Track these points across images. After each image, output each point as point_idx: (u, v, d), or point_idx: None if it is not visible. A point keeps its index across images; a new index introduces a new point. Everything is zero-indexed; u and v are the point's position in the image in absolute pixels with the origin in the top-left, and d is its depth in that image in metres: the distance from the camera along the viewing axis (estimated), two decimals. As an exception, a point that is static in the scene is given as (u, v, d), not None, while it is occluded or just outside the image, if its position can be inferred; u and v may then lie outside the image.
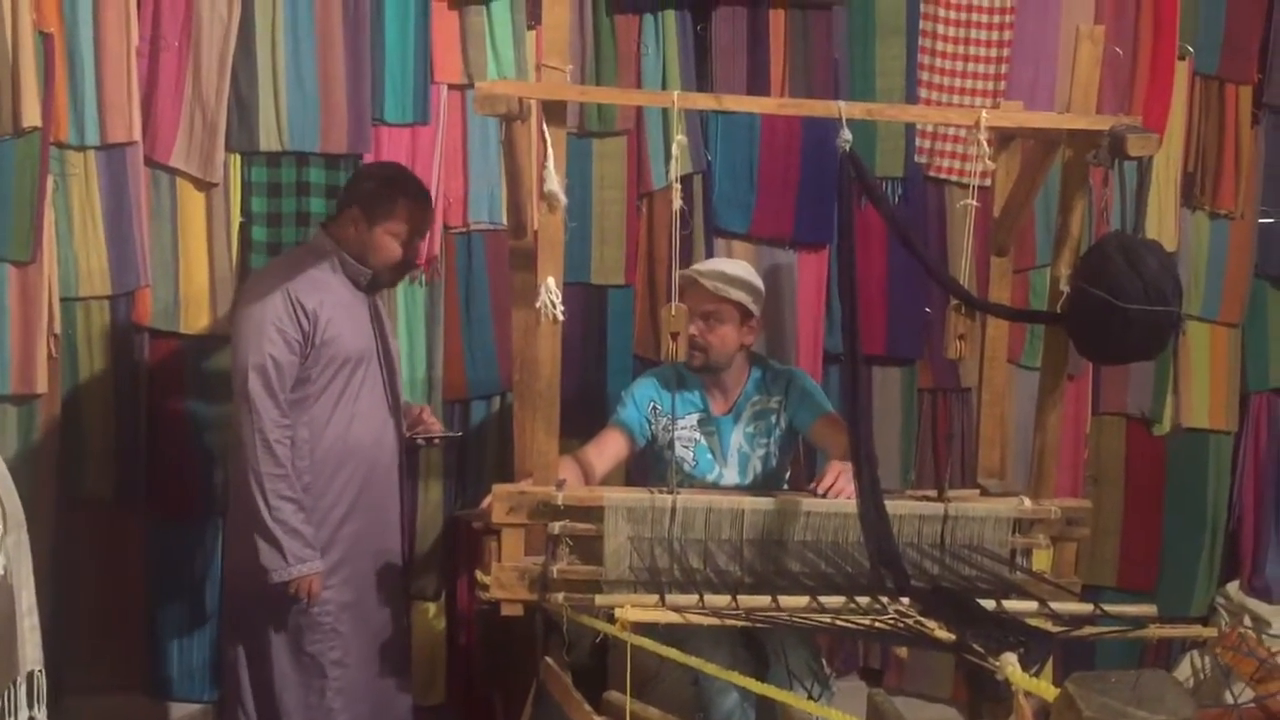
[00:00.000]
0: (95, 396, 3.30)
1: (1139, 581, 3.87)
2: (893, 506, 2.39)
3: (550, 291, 2.39)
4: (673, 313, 2.38)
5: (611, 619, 2.10)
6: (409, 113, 3.37)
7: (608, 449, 2.91)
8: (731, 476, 2.98)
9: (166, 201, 3.31)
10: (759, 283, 2.99)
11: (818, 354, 3.58)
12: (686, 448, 2.98)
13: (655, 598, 2.12)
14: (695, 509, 2.44)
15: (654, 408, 2.99)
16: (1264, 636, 3.53)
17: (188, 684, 3.42)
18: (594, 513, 2.43)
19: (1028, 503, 2.59)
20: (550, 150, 2.34)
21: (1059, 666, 3.19)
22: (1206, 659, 3.83)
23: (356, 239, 2.82)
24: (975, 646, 1.70)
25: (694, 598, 2.11)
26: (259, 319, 2.70)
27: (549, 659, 2.52)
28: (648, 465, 3.12)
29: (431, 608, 3.53)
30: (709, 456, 2.98)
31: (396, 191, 2.81)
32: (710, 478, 2.98)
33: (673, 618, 2.06)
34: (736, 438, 2.98)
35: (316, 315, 2.73)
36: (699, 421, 2.99)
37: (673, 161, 2.32)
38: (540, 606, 2.44)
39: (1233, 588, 3.91)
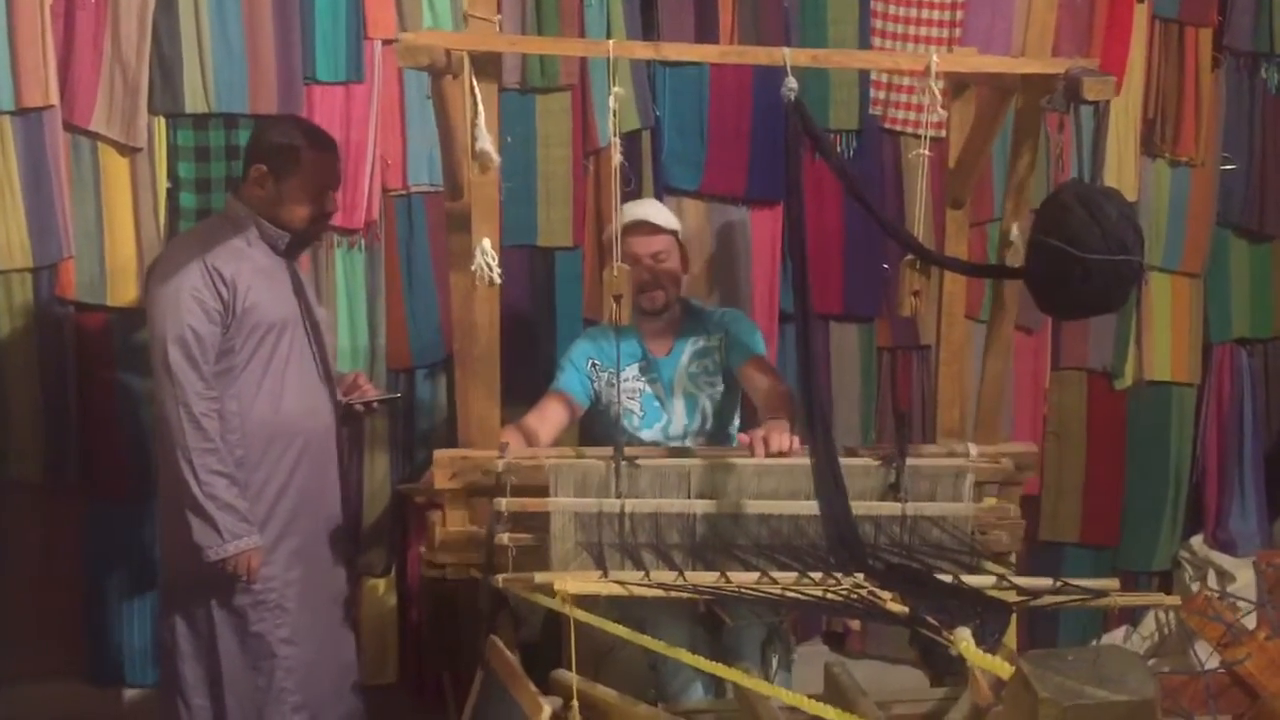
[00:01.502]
0: (20, 375, 3.16)
1: (1102, 537, 3.83)
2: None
3: (486, 254, 2.29)
4: (614, 273, 2.27)
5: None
6: (342, 70, 3.23)
7: (550, 416, 2.82)
8: (679, 420, 2.91)
9: (88, 168, 3.16)
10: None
11: (773, 313, 3.48)
12: (632, 399, 2.90)
13: (598, 572, 2.02)
14: (644, 475, 2.34)
15: (592, 364, 2.91)
16: (1229, 600, 3.48)
17: (131, 668, 3.31)
18: (537, 482, 2.33)
19: (974, 450, 2.51)
20: (480, 106, 2.22)
21: (1023, 635, 3.14)
22: (1171, 615, 3.79)
23: (266, 199, 2.69)
24: (929, 619, 1.61)
25: (639, 573, 2.01)
26: (174, 290, 2.58)
27: (495, 637, 2.42)
28: (595, 424, 3.03)
29: (380, 584, 3.43)
30: (656, 404, 2.91)
31: (298, 143, 2.68)
32: (659, 426, 2.90)
33: (615, 590, 1.97)
34: (680, 379, 2.92)
35: (235, 283, 2.61)
36: (640, 370, 2.92)
37: (611, 116, 2.20)
38: (487, 582, 2.35)
39: (1196, 541, 3.87)
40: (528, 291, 3.41)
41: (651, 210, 2.95)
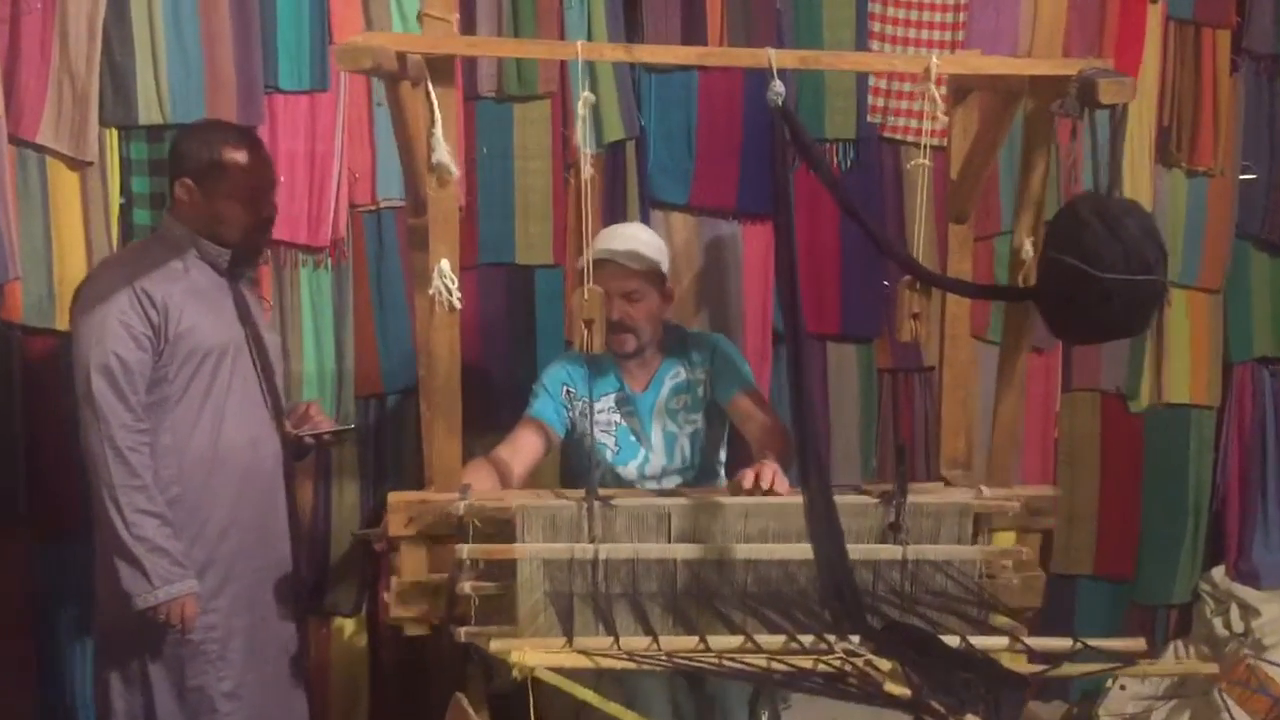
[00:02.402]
0: (-37, 403, 2.96)
1: (1117, 568, 3.62)
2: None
3: (444, 276, 2.09)
4: (586, 297, 2.07)
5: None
6: (305, 79, 3.04)
7: (523, 447, 2.62)
8: (658, 460, 2.71)
9: (35, 183, 2.94)
10: (661, 243, 2.77)
11: (766, 334, 3.28)
12: (607, 432, 2.70)
13: (561, 640, 1.82)
14: (620, 517, 2.14)
15: (567, 391, 2.71)
16: (1254, 626, 3.25)
17: (81, 715, 3.10)
18: (505, 525, 2.13)
19: (986, 492, 2.30)
20: (438, 114, 2.03)
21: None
22: (1192, 649, 3.58)
23: (198, 214, 2.51)
24: (935, 705, 1.40)
25: (607, 640, 1.81)
26: (100, 315, 2.39)
27: (459, 695, 2.22)
28: (569, 455, 2.83)
29: (349, 625, 3.23)
30: (631, 439, 2.70)
31: (218, 147, 2.49)
32: (635, 464, 2.70)
33: (580, 662, 1.77)
34: (658, 416, 2.71)
35: (166, 306, 2.42)
36: (616, 402, 2.71)
37: (580, 124, 2.00)
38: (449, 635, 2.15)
39: (1218, 573, 3.66)
40: (505, 311, 3.22)
41: (627, 242, 2.66)
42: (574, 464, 2.83)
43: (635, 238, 2.70)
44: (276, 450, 2.63)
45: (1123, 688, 3.46)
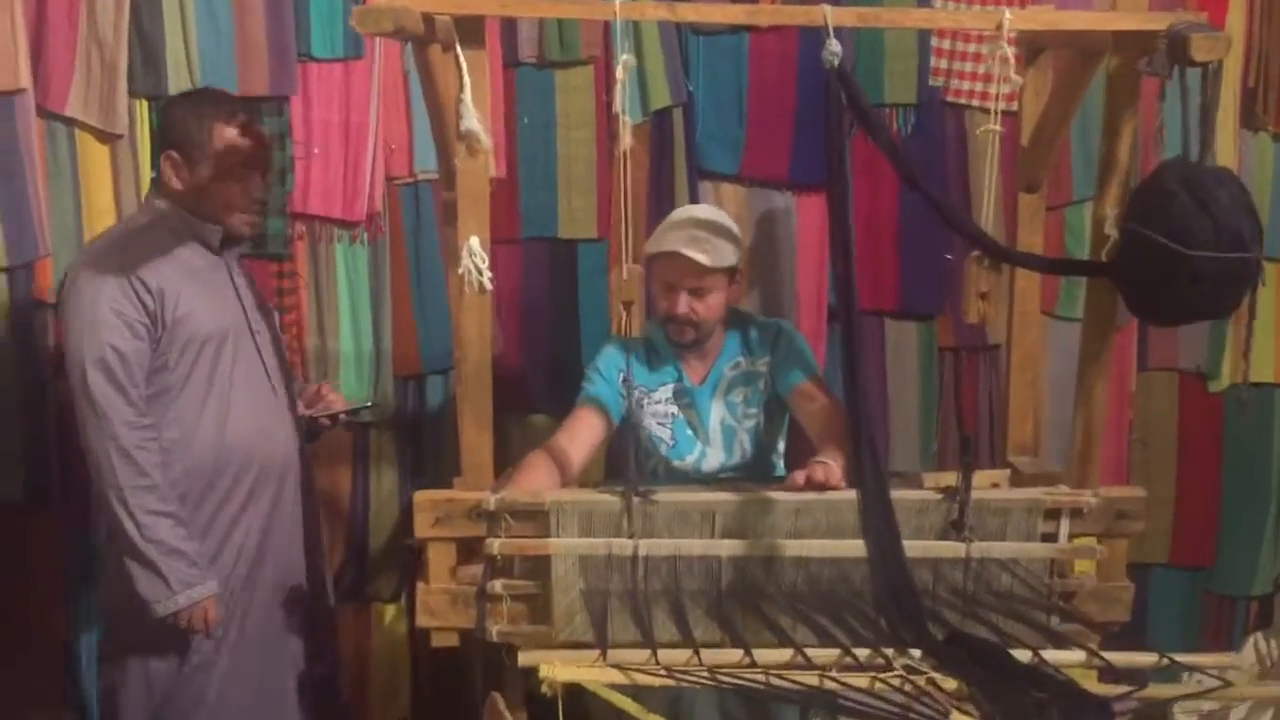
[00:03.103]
0: (-5, 384, 2.89)
1: (1195, 557, 3.41)
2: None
3: (474, 254, 1.96)
4: (625, 277, 1.93)
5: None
6: (339, 46, 2.91)
7: (581, 433, 2.45)
8: (716, 456, 2.55)
9: (65, 157, 2.86)
10: (736, 228, 2.55)
11: (821, 311, 3.11)
12: (663, 424, 2.55)
13: (594, 652, 1.70)
14: (661, 512, 2.01)
15: (624, 378, 2.55)
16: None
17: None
18: (539, 521, 2.01)
19: (1063, 489, 2.13)
20: (466, 79, 1.89)
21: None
22: (1273, 643, 3.38)
23: (186, 190, 2.34)
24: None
25: (644, 652, 1.68)
26: (91, 305, 2.23)
27: (497, 695, 2.10)
28: (618, 445, 2.69)
29: (390, 610, 3.14)
30: (688, 433, 2.55)
31: (205, 117, 2.32)
32: (691, 458, 2.55)
33: (614, 677, 1.64)
34: (717, 410, 2.55)
35: (162, 291, 2.26)
36: (674, 393, 2.56)
37: (617, 88, 1.85)
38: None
39: (1302, 562, 3.45)
40: (548, 289, 3.08)
41: (700, 237, 2.40)
42: (623, 455, 2.69)
43: (710, 230, 2.44)
44: (288, 438, 2.48)
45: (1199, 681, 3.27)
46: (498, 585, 2.00)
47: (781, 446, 2.65)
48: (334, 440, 3.04)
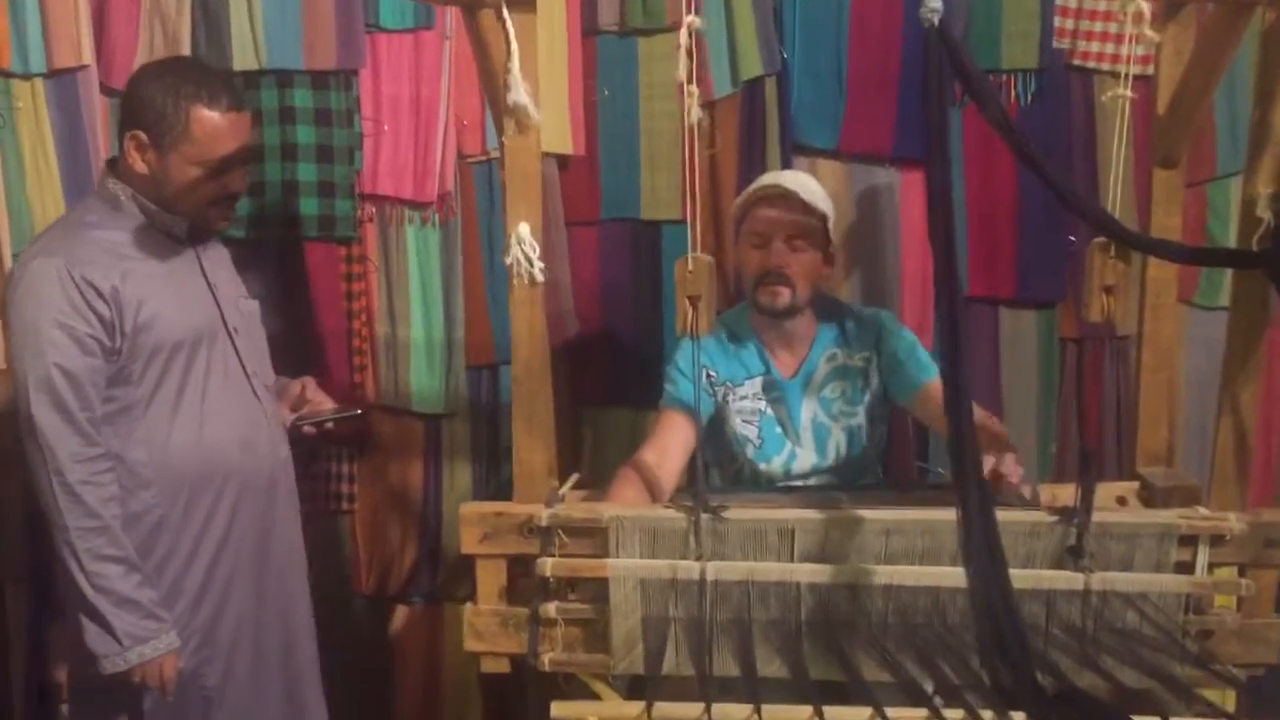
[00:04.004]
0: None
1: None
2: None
3: (523, 242, 1.76)
4: (690, 268, 1.70)
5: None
6: (409, 15, 2.75)
7: (671, 445, 2.22)
8: (808, 458, 2.33)
9: (129, 136, 2.77)
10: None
11: (927, 297, 2.84)
12: (749, 423, 2.34)
13: (638, 707, 1.49)
14: (733, 531, 1.79)
15: (708, 375, 2.34)
16: None
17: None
18: (596, 534, 1.81)
19: (1202, 512, 1.84)
20: (514, 45, 1.69)
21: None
22: None
23: (151, 176, 2.05)
24: None
25: (696, 709, 1.47)
26: (33, 318, 1.94)
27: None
28: (706, 449, 2.48)
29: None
30: (777, 431, 2.33)
31: (184, 98, 2.01)
32: (780, 460, 2.33)
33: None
34: (809, 406, 2.33)
35: (118, 294, 1.98)
36: (763, 386, 2.34)
37: (682, 55, 1.63)
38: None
39: None
40: (629, 274, 2.88)
41: (792, 177, 2.33)
42: (707, 458, 2.48)
43: (799, 176, 2.36)
44: (274, 449, 2.22)
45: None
46: (551, 609, 1.81)
47: (881, 455, 2.42)
48: (405, 433, 2.90)
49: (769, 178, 2.32)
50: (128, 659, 1.98)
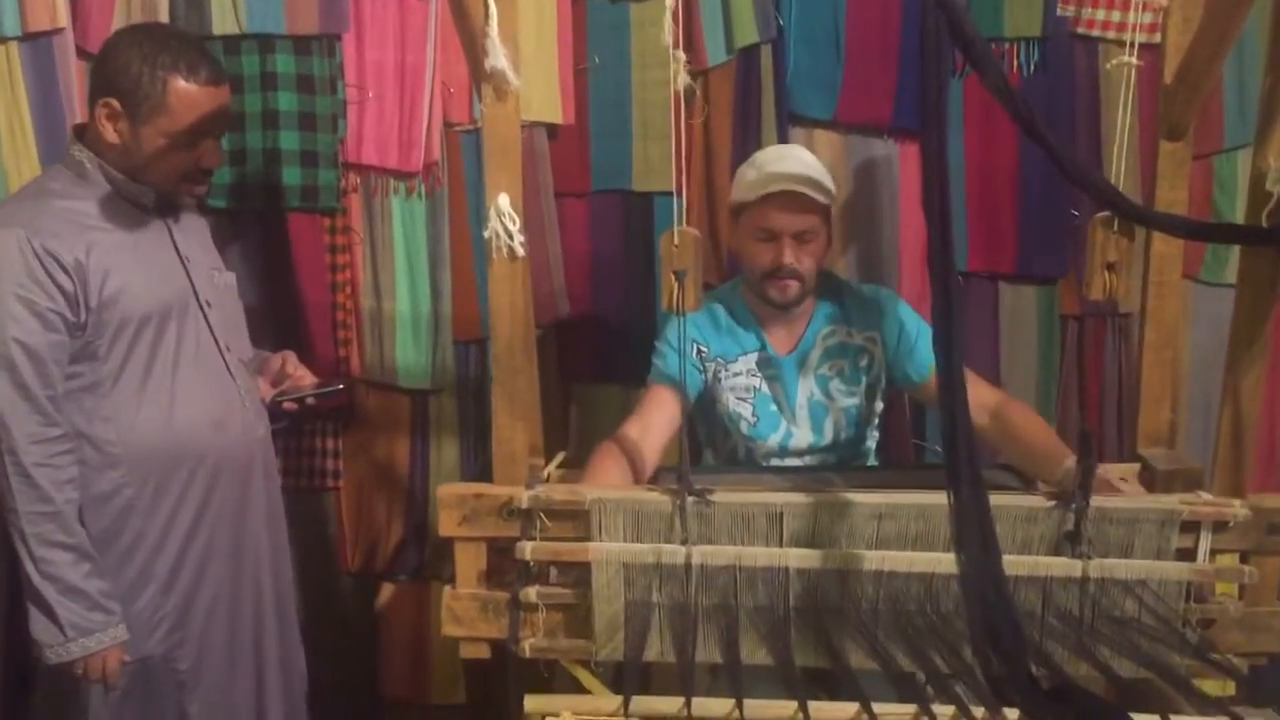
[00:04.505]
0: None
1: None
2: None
3: (503, 215, 1.69)
4: (676, 242, 1.64)
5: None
6: (394, -21, 2.66)
7: (655, 421, 2.15)
8: (804, 436, 2.27)
9: (106, 101, 2.69)
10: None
11: (926, 271, 2.76)
12: (743, 399, 2.28)
13: (614, 701, 1.44)
14: (720, 514, 1.73)
15: (699, 350, 2.28)
16: None
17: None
18: (579, 517, 1.75)
19: (1205, 498, 1.78)
20: (493, 7, 1.62)
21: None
22: None
23: (121, 146, 1.96)
24: None
25: (676, 702, 1.42)
26: None
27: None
28: (699, 426, 2.42)
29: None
30: (772, 409, 2.27)
31: (161, 68, 1.92)
32: (775, 438, 2.28)
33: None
34: (805, 385, 2.27)
35: (83, 267, 1.89)
36: (758, 363, 2.28)
37: (667, 16, 1.56)
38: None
39: None
40: (620, 246, 2.81)
41: (800, 168, 2.20)
42: (700, 436, 2.42)
43: (804, 158, 2.26)
44: (249, 428, 2.13)
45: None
46: (532, 593, 1.75)
47: (875, 436, 2.36)
48: (391, 409, 2.84)
49: (774, 165, 2.20)
50: (70, 650, 1.91)
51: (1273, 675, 1.84)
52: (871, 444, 2.38)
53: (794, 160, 2.23)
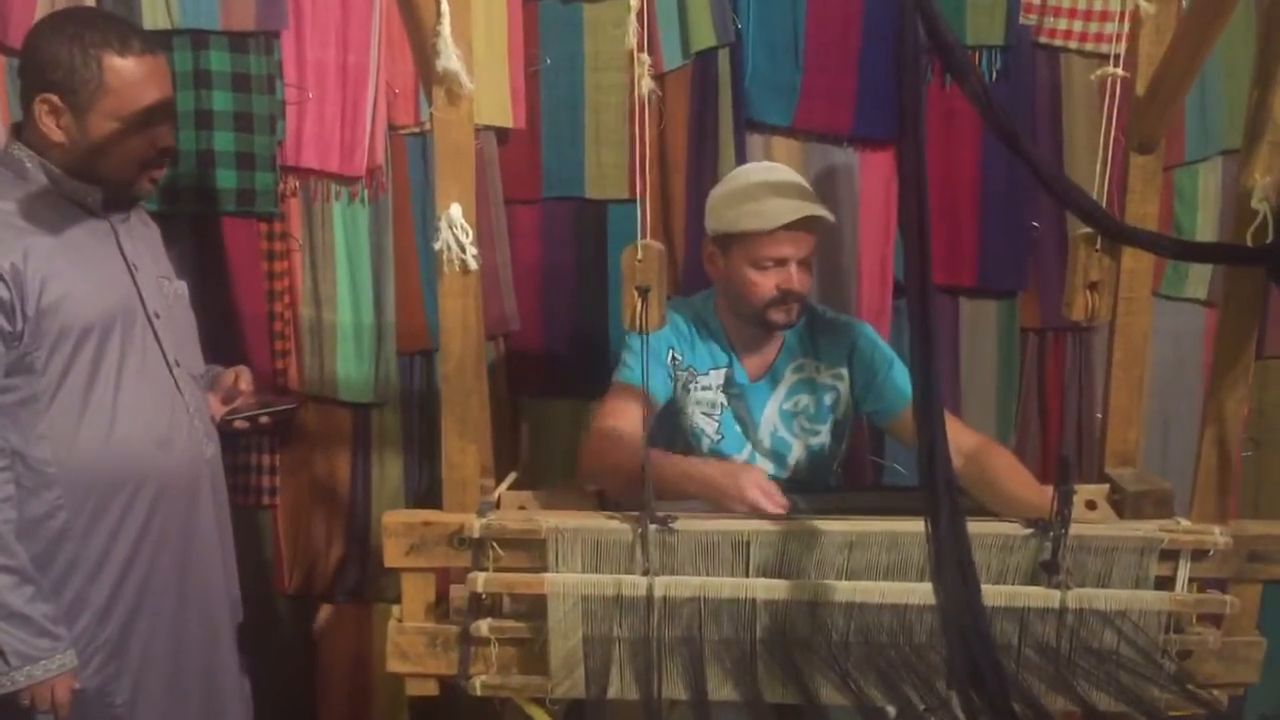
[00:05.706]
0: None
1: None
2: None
3: (455, 225, 1.59)
4: (639, 257, 1.55)
5: None
6: (335, -26, 2.55)
7: (629, 421, 2.01)
8: (766, 466, 2.18)
9: (28, 100, 2.54)
10: None
11: (886, 285, 2.70)
12: (709, 415, 2.19)
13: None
14: (683, 542, 1.64)
15: (673, 357, 2.19)
16: None
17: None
18: (534, 546, 1.65)
19: (1185, 524, 1.73)
20: (445, 7, 1.52)
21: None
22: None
23: (67, 142, 1.85)
24: None
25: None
26: None
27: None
28: (661, 434, 2.32)
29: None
30: (736, 430, 2.19)
31: (92, 47, 1.82)
32: (740, 458, 2.19)
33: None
34: (770, 416, 2.18)
35: (19, 274, 1.76)
36: (726, 380, 2.20)
37: (631, 17, 1.47)
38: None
39: None
40: (573, 255, 2.71)
41: (800, 190, 2.11)
42: (662, 444, 2.33)
43: (800, 182, 2.15)
44: (197, 447, 2.02)
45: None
46: (484, 627, 1.65)
47: (837, 467, 2.29)
48: (332, 423, 2.72)
49: (775, 190, 2.08)
50: (15, 680, 1.78)
51: (1253, 705, 1.80)
52: (831, 481, 2.31)
53: (791, 184, 2.12)
